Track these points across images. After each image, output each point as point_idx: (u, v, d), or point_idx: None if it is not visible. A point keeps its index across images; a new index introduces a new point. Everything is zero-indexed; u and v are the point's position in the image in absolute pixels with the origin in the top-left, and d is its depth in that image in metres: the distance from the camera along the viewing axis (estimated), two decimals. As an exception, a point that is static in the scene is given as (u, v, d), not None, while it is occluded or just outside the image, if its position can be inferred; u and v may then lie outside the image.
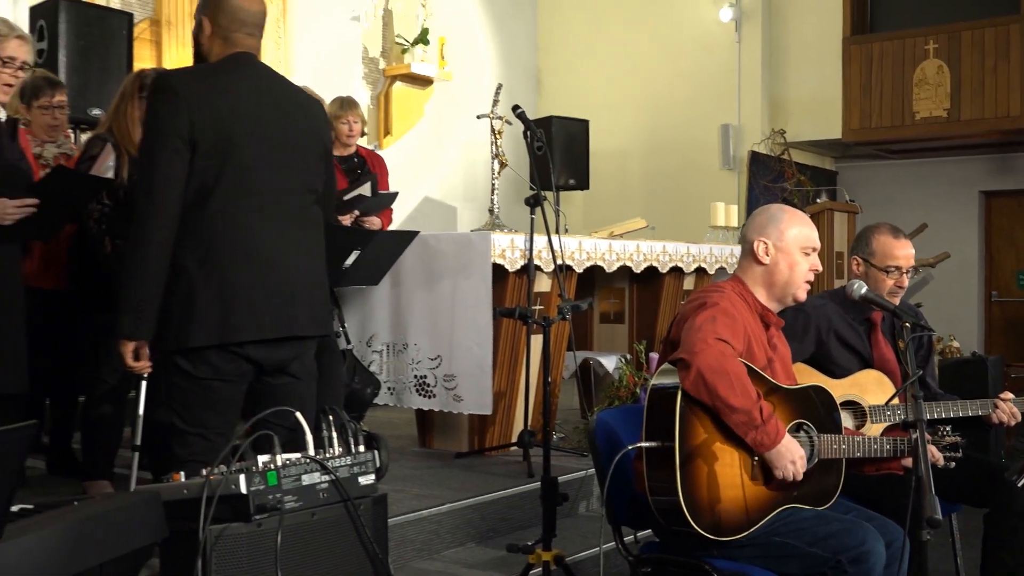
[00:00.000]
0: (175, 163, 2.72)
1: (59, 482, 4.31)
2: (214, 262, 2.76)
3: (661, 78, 10.62)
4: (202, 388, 2.80)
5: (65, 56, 5.38)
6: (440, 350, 4.84)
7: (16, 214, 3.35)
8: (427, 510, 3.90)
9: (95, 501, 2.45)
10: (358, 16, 9.39)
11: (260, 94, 2.89)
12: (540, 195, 4.08)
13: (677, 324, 2.81)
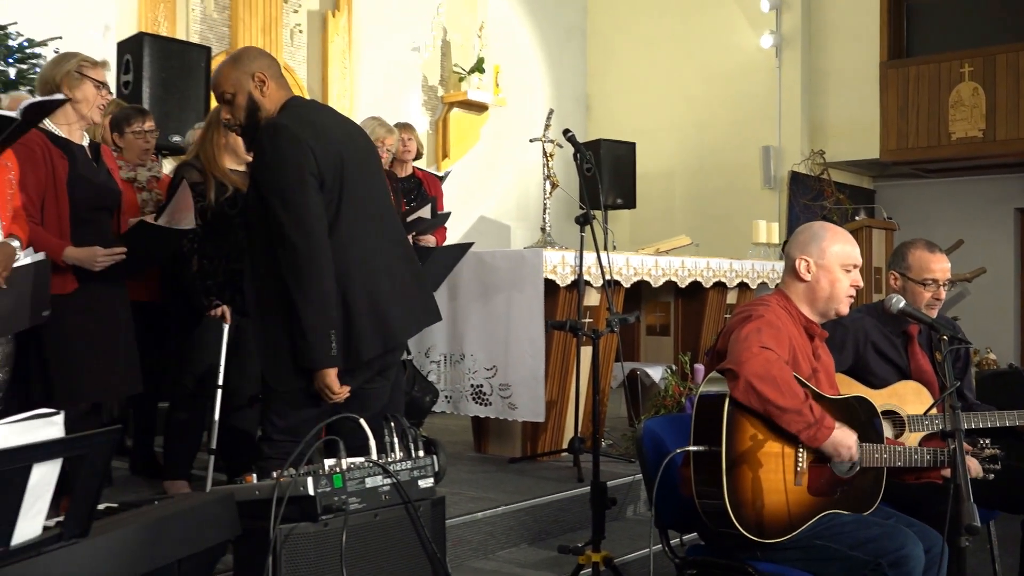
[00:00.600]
0: (318, 200, 2.83)
1: (141, 482, 4.36)
2: (358, 282, 2.88)
3: (705, 102, 10.57)
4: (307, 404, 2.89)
5: (148, 87, 5.49)
6: (495, 361, 4.84)
7: (106, 262, 3.41)
8: (482, 512, 3.90)
9: (174, 501, 2.48)
10: (418, 47, 9.47)
11: (342, 129, 3.03)
12: (589, 214, 4.07)
13: (724, 336, 2.79)
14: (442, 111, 9.66)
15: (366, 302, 2.88)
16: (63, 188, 3.42)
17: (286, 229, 2.80)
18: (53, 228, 3.42)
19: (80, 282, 3.44)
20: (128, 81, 5.54)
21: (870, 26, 10.18)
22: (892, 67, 10.11)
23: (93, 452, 1.86)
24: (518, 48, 10.47)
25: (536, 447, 4.98)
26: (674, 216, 10.38)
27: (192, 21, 7.73)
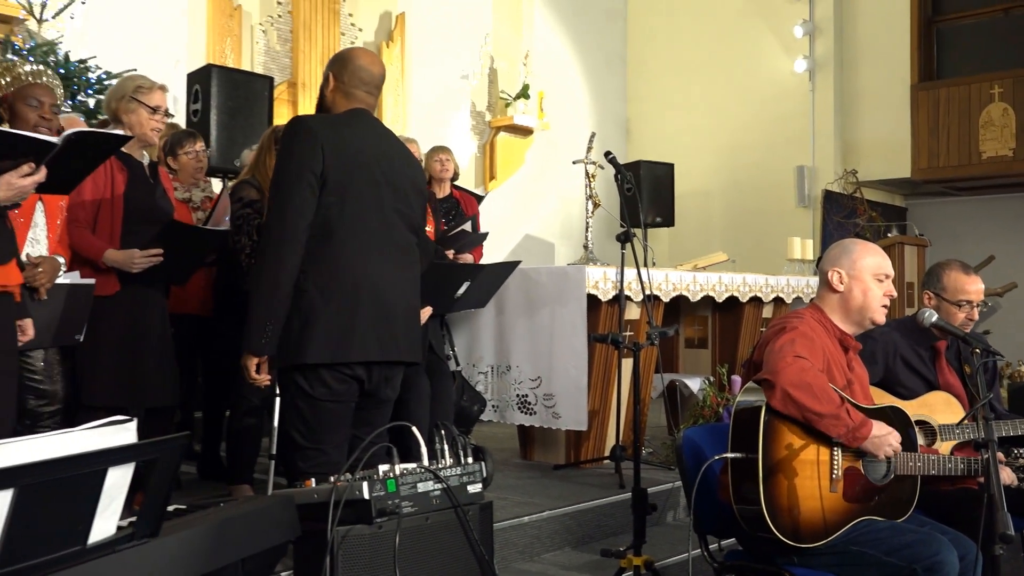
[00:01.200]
0: (307, 196, 2.77)
1: (208, 485, 4.41)
2: (333, 289, 2.79)
3: (740, 124, 10.50)
4: (318, 409, 2.84)
5: (215, 115, 5.57)
6: (540, 372, 4.84)
7: (144, 263, 3.42)
8: (528, 516, 3.88)
9: (238, 503, 2.50)
10: (467, 75, 9.54)
11: (373, 145, 2.94)
12: (630, 232, 4.05)
13: (760, 348, 2.77)
14: (489, 135, 9.70)
15: (332, 310, 2.78)
16: (119, 199, 3.47)
17: (270, 215, 2.81)
18: (105, 234, 3.46)
19: (121, 287, 3.45)
20: (197, 109, 5.63)
21: (900, 50, 10.05)
22: (923, 89, 9.97)
23: (164, 457, 1.88)
24: (562, 75, 10.49)
25: (579, 454, 4.96)
26: (711, 234, 10.30)
27: (256, 53, 7.86)
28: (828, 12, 10.23)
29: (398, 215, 2.94)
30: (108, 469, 1.74)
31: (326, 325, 2.77)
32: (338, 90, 2.97)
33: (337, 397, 2.84)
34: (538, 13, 10.31)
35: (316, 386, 2.81)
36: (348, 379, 2.83)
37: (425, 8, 9.07)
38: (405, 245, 2.98)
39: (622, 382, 4.83)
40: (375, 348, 2.83)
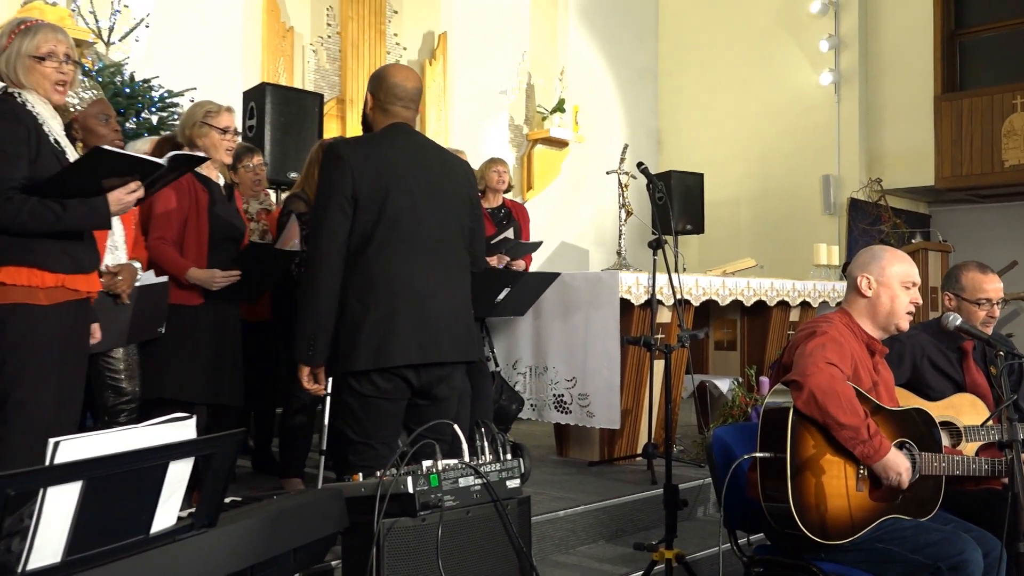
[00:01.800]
0: (339, 218, 2.80)
1: (261, 479, 4.45)
2: (373, 299, 2.81)
3: (768, 135, 10.41)
4: (368, 405, 2.86)
5: (269, 130, 5.64)
6: (575, 372, 4.82)
7: (223, 282, 3.50)
8: (564, 511, 3.87)
9: (290, 496, 2.52)
10: (505, 90, 9.56)
11: (411, 156, 2.94)
12: (661, 239, 4.03)
13: (789, 350, 2.73)
14: (527, 147, 9.71)
15: (374, 319, 2.80)
16: (204, 217, 3.55)
17: (309, 237, 2.87)
18: (192, 250, 3.54)
19: (204, 299, 3.53)
20: (252, 125, 5.70)
21: (924, 62, 9.90)
22: (946, 100, 9.81)
23: (221, 452, 1.91)
24: (595, 90, 10.47)
25: (613, 452, 4.94)
26: (740, 240, 10.21)
27: (308, 72, 7.94)
28: (853, 27, 10.11)
29: (437, 222, 2.93)
30: (169, 463, 1.77)
31: (369, 334, 2.80)
32: (377, 108, 3.01)
33: (385, 395, 2.85)
34: (573, 31, 10.31)
35: (365, 384, 2.84)
36: (395, 379, 2.85)
37: (466, 27, 9.10)
38: (447, 250, 2.96)
39: (654, 383, 4.79)
40: (416, 352, 2.84)
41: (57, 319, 2.61)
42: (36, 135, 2.59)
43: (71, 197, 2.55)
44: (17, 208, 2.49)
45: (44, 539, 1.56)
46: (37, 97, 2.66)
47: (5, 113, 2.57)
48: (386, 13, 8.46)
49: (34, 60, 2.63)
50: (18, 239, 2.53)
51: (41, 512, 1.54)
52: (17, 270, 2.54)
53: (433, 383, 2.93)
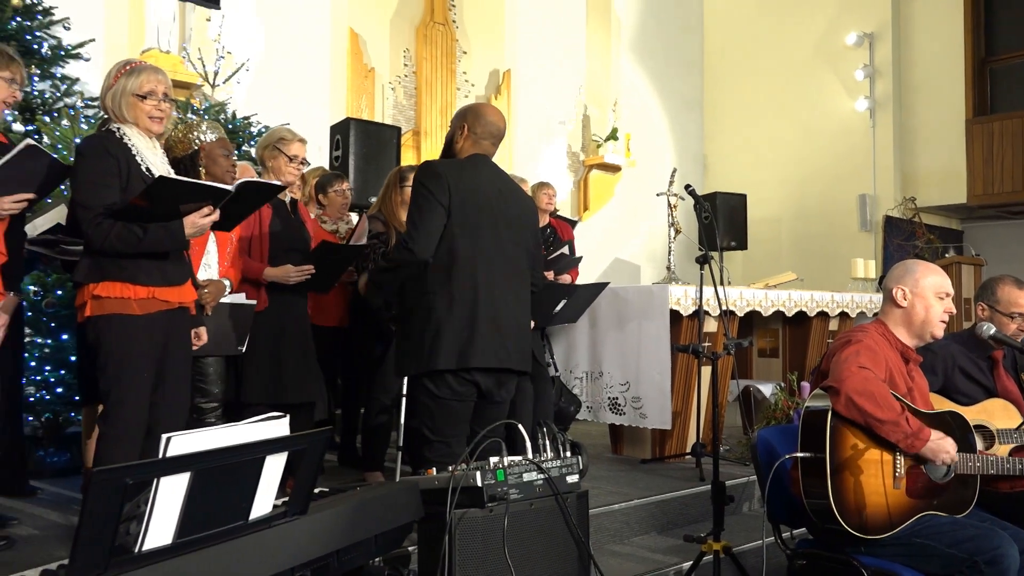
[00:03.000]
0: (437, 219, 2.87)
1: (346, 472, 4.47)
2: (456, 307, 2.87)
3: (807, 158, 10.22)
4: (442, 406, 2.90)
5: (353, 160, 5.72)
6: (628, 377, 4.78)
7: (298, 277, 3.56)
8: (619, 504, 3.83)
9: (372, 488, 2.55)
10: (564, 121, 9.57)
11: (490, 185, 3.01)
12: (708, 255, 3.97)
13: (827, 358, 2.67)
14: (583, 172, 9.69)
15: (456, 326, 2.85)
16: (266, 232, 3.61)
17: (408, 232, 2.89)
18: (255, 259, 3.60)
19: (270, 304, 3.57)
20: (338, 156, 5.79)
21: (955, 88, 9.61)
22: (977, 123, 9.50)
23: (311, 447, 1.94)
24: (646, 119, 10.41)
25: (664, 450, 4.87)
26: (781, 256, 10.02)
27: (387, 107, 8.07)
28: (887, 57, 9.87)
29: (512, 244, 3.00)
30: (266, 457, 1.80)
31: (450, 338, 2.85)
32: (468, 138, 3.05)
33: (459, 397, 2.91)
34: (625, 65, 10.27)
35: (442, 388, 2.89)
36: (468, 383, 2.90)
37: (528, 65, 9.14)
38: (518, 269, 3.03)
39: (701, 387, 4.73)
40: (492, 357, 2.89)
41: (150, 326, 2.67)
42: (127, 166, 2.65)
43: (153, 220, 2.61)
44: (105, 232, 2.57)
45: (157, 523, 1.60)
46: (136, 131, 2.73)
47: (97, 149, 2.65)
48: (456, 54, 8.55)
49: (136, 98, 2.71)
50: (113, 259, 2.61)
51: (155, 499, 1.58)
52: (112, 284, 2.62)
53: (497, 387, 2.98)
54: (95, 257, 2.63)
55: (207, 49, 6.32)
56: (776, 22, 10.65)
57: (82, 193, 2.61)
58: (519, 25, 9.13)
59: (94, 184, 2.60)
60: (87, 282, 2.63)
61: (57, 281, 4.17)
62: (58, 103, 5.01)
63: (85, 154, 2.64)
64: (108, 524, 1.50)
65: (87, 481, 3.51)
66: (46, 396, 4.17)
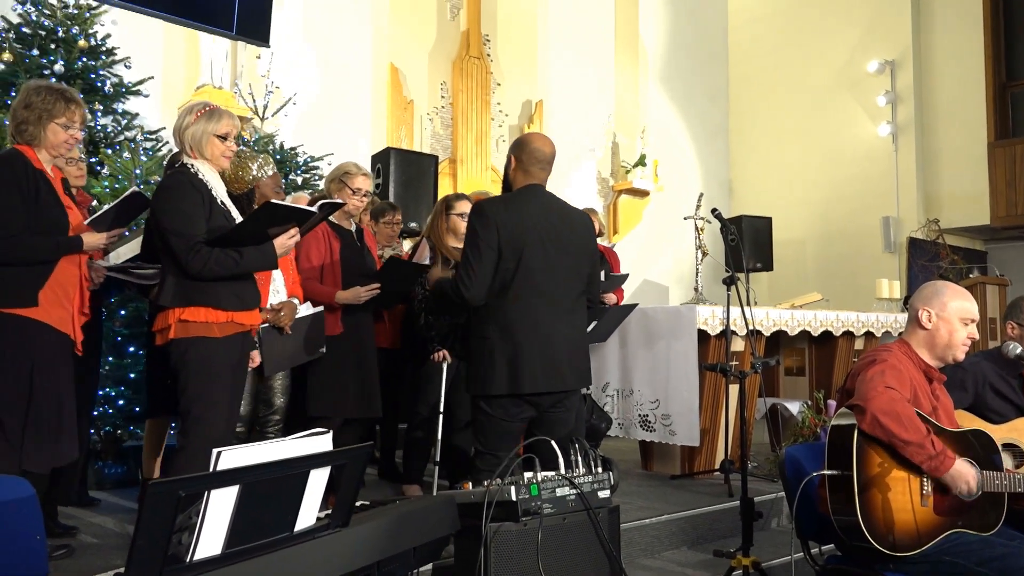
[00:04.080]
0: (487, 262, 2.92)
1: (386, 486, 4.49)
2: (510, 337, 2.91)
3: (830, 182, 10.11)
4: (495, 425, 2.94)
5: (393, 187, 5.80)
6: (658, 395, 4.74)
7: (367, 296, 3.62)
8: (650, 519, 3.79)
9: (410, 501, 2.55)
10: (594, 148, 9.58)
11: (543, 214, 3.02)
12: (734, 276, 3.94)
13: (852, 377, 2.61)
14: (612, 197, 9.68)
15: (509, 352, 2.90)
16: (337, 259, 3.67)
17: (458, 275, 2.95)
18: (329, 285, 3.65)
19: (344, 327, 3.63)
20: (378, 183, 5.87)
21: (977, 112, 9.46)
22: (999, 146, 9.32)
23: (353, 462, 1.94)
24: (673, 145, 10.38)
25: (693, 466, 4.81)
26: (806, 277, 9.89)
27: (425, 136, 8.15)
28: (908, 83, 9.76)
29: (564, 268, 3.01)
30: (311, 471, 1.81)
31: (504, 365, 2.90)
32: (518, 169, 3.08)
33: (510, 417, 2.95)
34: (653, 94, 10.27)
35: (495, 408, 2.95)
36: (522, 404, 2.95)
37: (559, 96, 9.18)
38: (569, 293, 3.04)
39: (729, 405, 4.67)
40: (542, 381, 2.93)
41: (227, 348, 2.73)
42: (208, 199, 2.74)
43: (244, 245, 2.69)
44: (205, 258, 2.64)
45: (208, 534, 1.61)
46: (208, 167, 2.81)
47: (184, 184, 2.73)
48: (491, 86, 8.62)
49: (217, 138, 2.79)
50: (196, 284, 2.68)
51: (206, 511, 1.59)
52: (196, 309, 2.68)
53: (554, 405, 3.01)
54: (181, 282, 2.69)
55: (257, 84, 6.45)
56: (799, 52, 10.59)
57: (176, 223, 2.67)
58: (551, 58, 9.19)
59: (186, 214, 2.68)
60: (173, 306, 2.69)
61: (119, 302, 4.26)
62: (119, 136, 5.14)
63: (172, 188, 2.73)
64: (162, 534, 1.51)
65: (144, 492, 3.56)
66: (108, 411, 4.25)
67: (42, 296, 2.73)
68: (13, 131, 2.84)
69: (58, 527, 3.29)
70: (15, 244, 2.70)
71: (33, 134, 2.82)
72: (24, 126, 2.82)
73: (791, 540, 2.65)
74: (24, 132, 2.82)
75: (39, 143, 2.84)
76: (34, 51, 4.93)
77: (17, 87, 4.73)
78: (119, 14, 5.19)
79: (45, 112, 2.82)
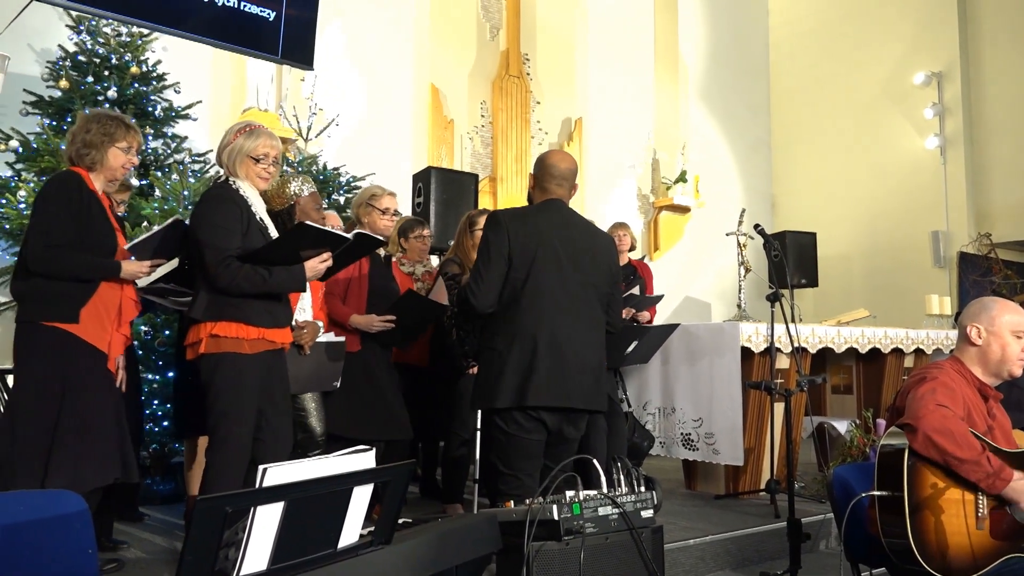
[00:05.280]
0: (496, 271, 2.90)
1: (427, 503, 4.48)
2: (518, 348, 2.86)
3: (876, 196, 9.92)
4: (512, 441, 2.88)
5: (434, 206, 5.83)
6: (701, 413, 4.68)
7: (380, 326, 3.62)
8: (693, 540, 3.73)
9: (452, 519, 2.55)
10: (633, 164, 9.56)
11: (559, 227, 2.98)
12: (778, 292, 3.89)
13: (902, 395, 2.55)
14: (653, 214, 9.64)
15: (516, 365, 2.84)
16: (365, 279, 3.69)
17: (471, 283, 2.93)
18: (352, 304, 3.68)
19: (361, 346, 3.64)
20: (420, 202, 5.91)
21: (1029, 124, 9.22)
22: (1053, 158, 9.07)
23: (395, 479, 1.95)
24: (714, 161, 10.31)
25: (737, 486, 4.73)
26: (853, 293, 9.70)
27: (465, 155, 8.22)
28: (956, 95, 9.56)
29: (579, 284, 2.95)
30: (354, 488, 1.82)
31: (510, 376, 2.85)
32: (536, 186, 3.08)
33: (526, 433, 2.87)
34: (693, 109, 10.23)
35: (510, 424, 2.87)
36: (534, 420, 2.87)
37: (599, 113, 9.20)
38: (586, 309, 2.97)
39: (775, 423, 4.58)
40: (550, 396, 2.85)
41: (257, 365, 2.75)
42: (247, 215, 2.79)
43: (275, 264, 2.72)
44: (234, 273, 2.67)
45: (254, 550, 1.63)
46: (248, 185, 2.86)
47: (224, 197, 2.78)
48: (530, 104, 8.67)
49: (251, 159, 2.84)
50: (229, 299, 2.71)
51: (252, 527, 1.61)
52: (227, 325, 2.71)
53: (565, 424, 2.93)
54: (214, 296, 2.72)
55: (301, 106, 6.57)
56: (842, 65, 10.46)
57: (210, 236, 2.71)
58: (590, 75, 9.21)
59: (222, 228, 2.71)
60: (205, 320, 2.72)
61: (165, 321, 4.35)
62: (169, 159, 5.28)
63: (209, 201, 2.77)
64: (209, 550, 1.53)
65: (189, 508, 3.62)
66: (155, 429, 4.34)
67: (84, 313, 2.78)
68: (73, 155, 2.93)
69: (110, 542, 3.35)
70: (56, 256, 2.76)
71: (95, 158, 2.91)
72: (86, 150, 2.90)
73: (840, 563, 2.59)
74: (86, 156, 2.91)
75: (100, 167, 2.93)
76: (89, 78, 5.10)
77: (73, 113, 4.89)
78: (169, 41, 5.34)
79: (107, 136, 2.91)
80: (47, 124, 4.89)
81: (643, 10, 9.85)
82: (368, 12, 7.64)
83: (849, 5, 10.51)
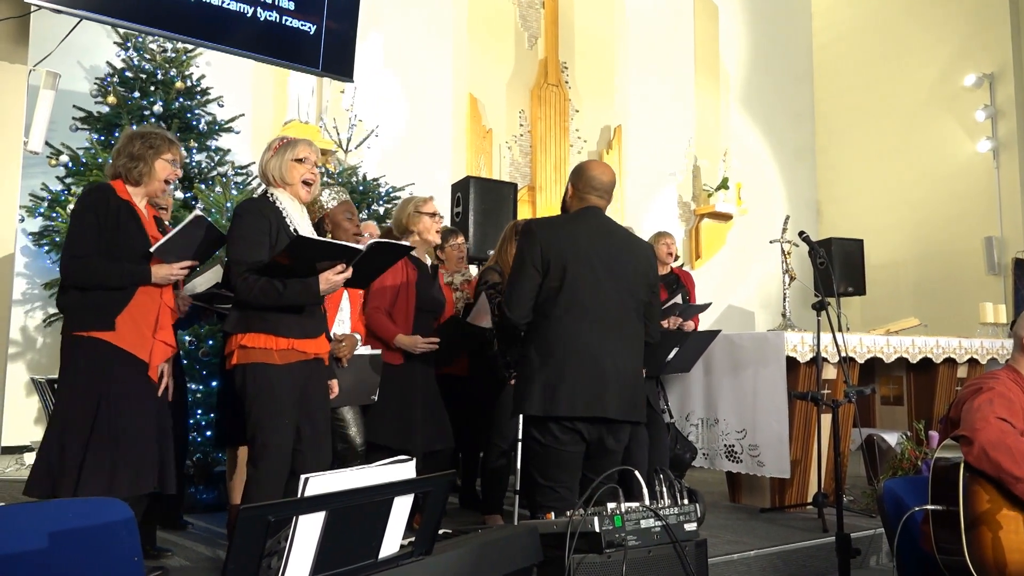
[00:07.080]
0: (528, 283, 2.89)
1: (467, 514, 4.48)
2: (551, 357, 2.85)
3: (926, 201, 9.70)
4: (549, 453, 2.86)
5: (473, 215, 5.85)
6: (745, 424, 4.61)
7: (424, 348, 3.63)
8: (739, 554, 3.66)
9: (492, 530, 2.53)
10: (674, 172, 9.50)
11: (596, 236, 2.96)
12: (824, 301, 3.81)
13: (956, 406, 2.49)
14: (694, 221, 9.56)
15: (548, 373, 2.82)
16: (412, 291, 3.70)
17: (506, 294, 2.93)
18: (400, 317, 3.68)
19: (404, 360, 3.66)
20: (459, 212, 5.94)
21: (1087, 125, 8.95)
22: (1113, 160, 8.79)
23: (436, 489, 1.95)
24: (756, 168, 10.20)
25: (783, 499, 4.64)
26: (902, 301, 9.49)
27: (504, 165, 8.25)
28: (1009, 96, 9.32)
29: (615, 293, 2.92)
30: (395, 498, 1.83)
31: (539, 385, 2.84)
32: (575, 196, 3.07)
33: (562, 445, 2.86)
34: (735, 116, 10.14)
35: (546, 435, 2.86)
36: (570, 431, 2.85)
37: (638, 121, 9.16)
38: (622, 319, 2.93)
39: (822, 435, 4.50)
40: (581, 405, 2.83)
41: (289, 375, 2.78)
42: (278, 227, 2.82)
43: (292, 276, 2.75)
44: (251, 286, 2.73)
45: (296, 559, 1.64)
46: (288, 196, 2.91)
47: (253, 210, 2.83)
48: (569, 112, 8.67)
49: (295, 162, 2.90)
50: (258, 312, 2.76)
51: (294, 536, 1.63)
52: (256, 336, 2.76)
53: (603, 436, 2.90)
54: (243, 309, 2.78)
55: (341, 118, 6.67)
56: (887, 69, 10.27)
57: (235, 249, 2.78)
58: (629, 83, 9.19)
59: (247, 241, 2.77)
60: (235, 332, 2.79)
61: (209, 332, 4.43)
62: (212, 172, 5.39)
63: (242, 214, 2.83)
64: (252, 558, 1.55)
65: (232, 517, 3.67)
66: (198, 439, 4.41)
67: (119, 321, 2.82)
68: (120, 169, 2.99)
69: (154, 549, 3.42)
70: (81, 266, 2.81)
71: (143, 171, 2.96)
72: (134, 163, 2.95)
73: (892, 579, 2.52)
74: (133, 170, 2.96)
75: (148, 179, 2.99)
76: (136, 93, 5.24)
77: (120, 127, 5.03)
78: (212, 56, 5.47)
79: (153, 149, 2.98)
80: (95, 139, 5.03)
81: (683, 17, 9.80)
82: (407, 23, 7.72)
83: (896, 7, 10.34)
